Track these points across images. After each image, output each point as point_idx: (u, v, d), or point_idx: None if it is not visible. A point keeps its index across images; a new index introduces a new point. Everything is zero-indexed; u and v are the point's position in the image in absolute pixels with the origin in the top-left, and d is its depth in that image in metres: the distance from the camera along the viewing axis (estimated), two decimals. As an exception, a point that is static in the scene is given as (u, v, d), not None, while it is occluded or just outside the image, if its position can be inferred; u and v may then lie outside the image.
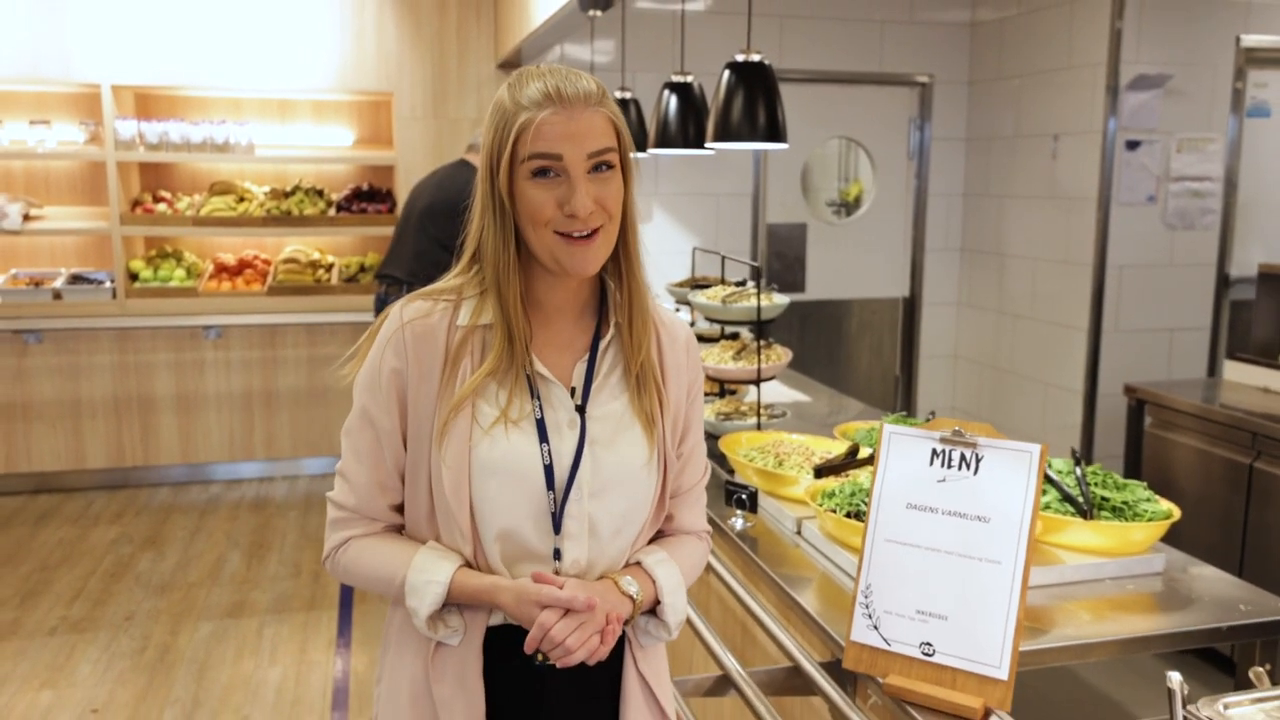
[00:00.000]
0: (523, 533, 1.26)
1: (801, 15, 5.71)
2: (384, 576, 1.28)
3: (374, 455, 1.30)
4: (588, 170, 1.23)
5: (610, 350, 1.34)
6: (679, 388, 1.38)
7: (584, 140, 1.22)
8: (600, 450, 1.29)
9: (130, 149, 5.18)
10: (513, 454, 1.25)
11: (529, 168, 1.22)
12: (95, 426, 5.35)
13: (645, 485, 1.32)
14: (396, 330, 1.28)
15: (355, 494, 1.32)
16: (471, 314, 1.29)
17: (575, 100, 1.22)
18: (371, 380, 1.30)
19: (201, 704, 3.24)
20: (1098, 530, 1.80)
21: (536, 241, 1.25)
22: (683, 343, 1.41)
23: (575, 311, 1.34)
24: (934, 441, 1.45)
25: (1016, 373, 5.72)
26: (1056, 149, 5.32)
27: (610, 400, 1.32)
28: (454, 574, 1.25)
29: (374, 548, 1.31)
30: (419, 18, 5.46)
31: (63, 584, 4.16)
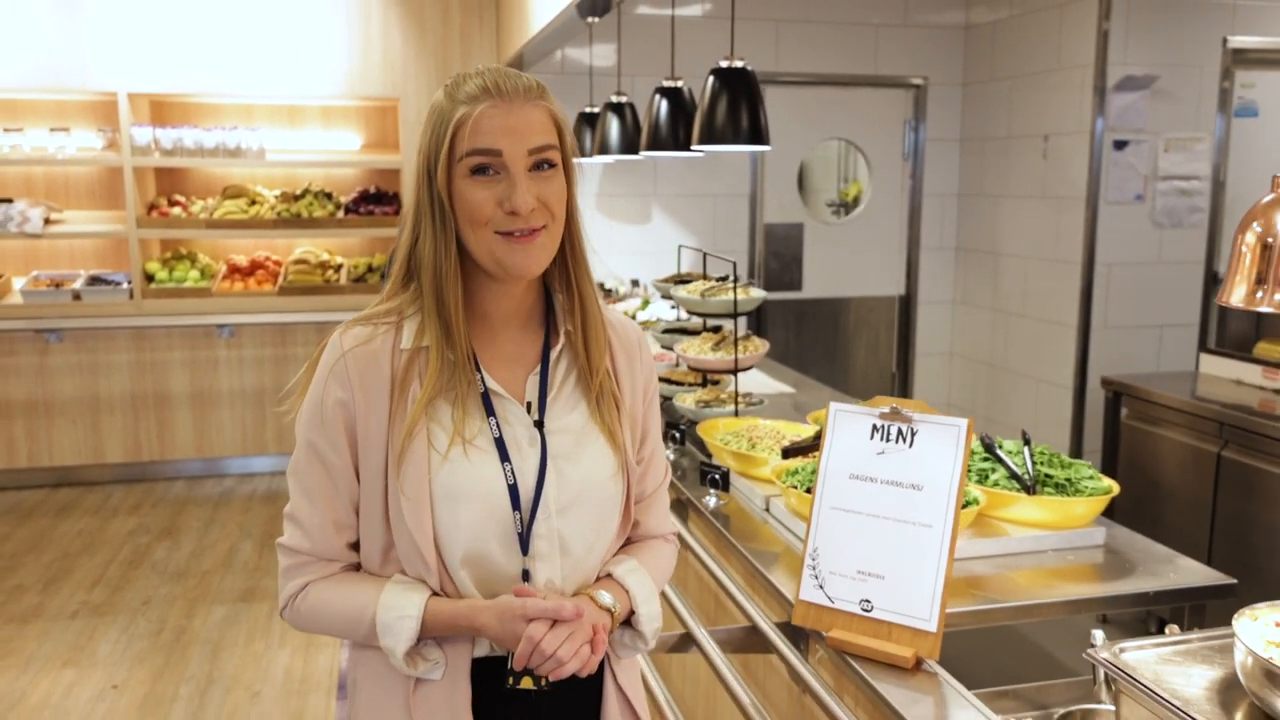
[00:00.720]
0: (490, 557, 1.21)
1: (797, 19, 5.85)
2: (351, 618, 1.21)
3: (326, 493, 1.23)
4: (529, 167, 1.18)
5: (563, 360, 1.30)
6: (635, 392, 1.35)
7: (524, 135, 1.18)
8: (564, 464, 1.25)
9: (146, 154, 5.36)
10: (474, 477, 1.20)
11: (467, 165, 1.17)
12: (113, 422, 5.53)
13: (613, 496, 1.28)
14: (338, 360, 1.22)
15: (309, 536, 1.24)
16: (415, 335, 1.23)
17: (514, 94, 1.19)
18: (315, 414, 1.23)
19: (215, 682, 3.40)
20: (1041, 505, 1.94)
21: (476, 243, 1.20)
22: (635, 345, 1.37)
23: (521, 322, 1.29)
24: (874, 418, 1.59)
25: (1010, 369, 5.84)
26: (1047, 149, 5.44)
27: (567, 412, 1.28)
28: (426, 605, 1.18)
29: (336, 590, 1.24)
30: (424, 26, 5.62)
31: (83, 571, 4.33)
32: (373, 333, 1.24)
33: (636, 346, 1.38)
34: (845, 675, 1.56)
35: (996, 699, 1.63)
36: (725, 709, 2.19)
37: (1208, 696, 1.25)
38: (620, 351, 1.34)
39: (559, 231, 1.24)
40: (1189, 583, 1.79)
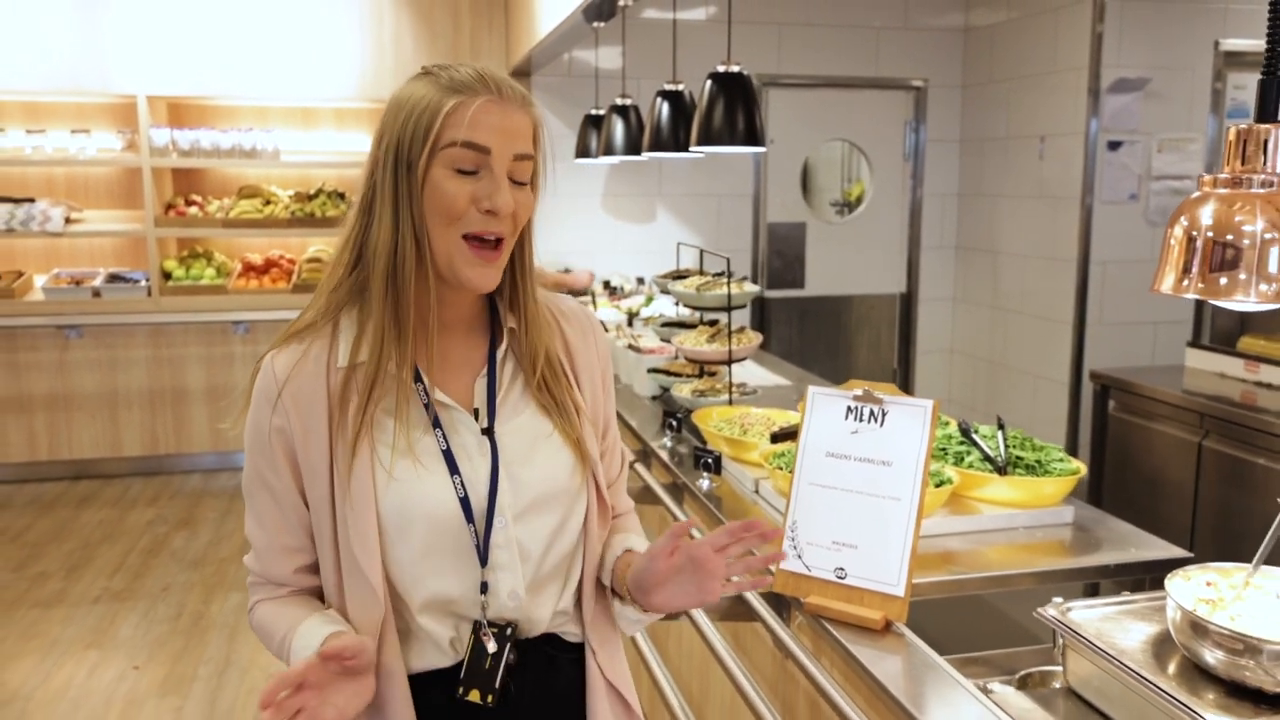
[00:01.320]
0: (446, 573, 1.18)
1: (799, 23, 5.97)
2: (275, 641, 1.20)
3: (273, 517, 1.20)
4: (509, 174, 1.15)
5: (509, 360, 1.26)
6: (593, 381, 1.32)
7: (513, 139, 1.14)
8: (518, 469, 1.21)
9: (164, 155, 5.51)
10: (422, 493, 1.16)
11: (450, 155, 1.11)
12: (131, 416, 5.68)
13: (573, 492, 1.24)
14: (270, 385, 1.17)
15: (259, 558, 1.24)
16: (350, 349, 1.17)
17: (510, 95, 1.15)
18: (256, 440, 1.19)
19: (233, 663, 3.54)
20: (1012, 485, 2.06)
21: (439, 242, 1.14)
22: (590, 332, 1.34)
23: (465, 326, 1.25)
24: (848, 400, 1.72)
25: (1008, 365, 5.94)
26: (1043, 150, 5.55)
27: (517, 414, 1.24)
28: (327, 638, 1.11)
29: (274, 613, 1.22)
30: (434, 29, 5.76)
31: (104, 559, 4.48)
32: (305, 352, 1.18)
33: (591, 333, 1.34)
34: (822, 638, 1.68)
35: (966, 665, 1.75)
36: (718, 681, 2.31)
37: (1143, 649, 1.37)
38: (574, 335, 1.31)
39: (512, 245, 1.19)
40: (1148, 556, 1.91)
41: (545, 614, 1.25)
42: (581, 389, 1.29)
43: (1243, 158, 1.29)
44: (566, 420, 1.25)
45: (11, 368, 5.50)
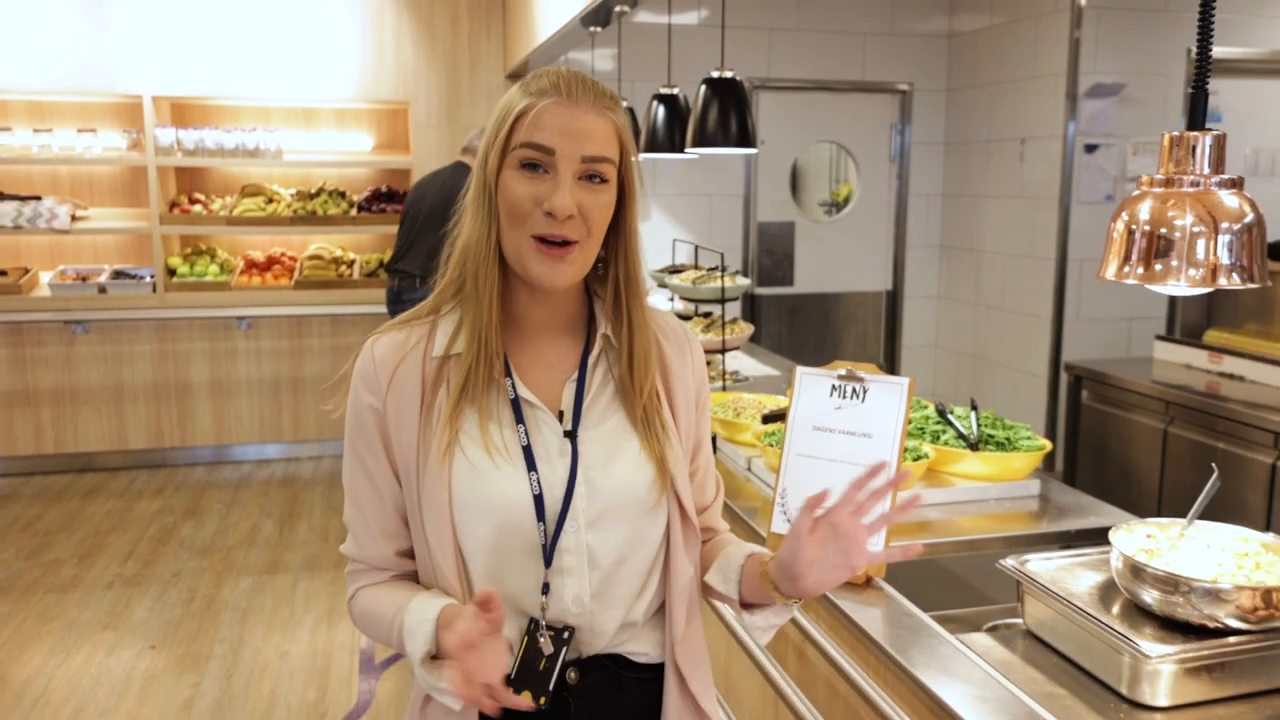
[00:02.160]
0: (510, 570, 1.18)
1: (788, 28, 6.14)
2: (384, 624, 1.20)
3: (371, 501, 1.23)
4: (578, 175, 1.14)
5: (600, 367, 1.25)
6: (686, 400, 1.30)
7: (581, 140, 1.14)
8: (596, 474, 1.20)
9: (169, 155, 5.66)
10: (496, 487, 1.17)
11: (518, 156, 1.15)
12: (136, 410, 5.82)
13: (649, 507, 1.22)
14: (370, 368, 1.22)
15: (359, 544, 1.25)
16: (448, 340, 1.21)
17: (581, 97, 1.15)
18: (354, 422, 1.23)
19: (246, 643, 3.70)
20: (983, 460, 2.24)
21: (509, 241, 1.17)
22: (688, 352, 1.33)
23: (559, 328, 1.26)
24: (833, 379, 1.89)
25: (991, 360, 6.13)
26: (1024, 152, 5.75)
27: (602, 421, 1.23)
28: (443, 609, 1.14)
29: (377, 595, 1.23)
30: (434, 32, 5.92)
31: (114, 547, 4.62)
32: (405, 339, 1.23)
33: (689, 352, 1.33)
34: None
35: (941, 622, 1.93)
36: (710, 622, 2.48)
37: (1090, 593, 1.55)
38: (673, 352, 1.30)
39: (594, 250, 1.19)
40: (1106, 523, 2.08)
41: (611, 626, 1.22)
42: (674, 408, 1.27)
43: (1175, 161, 1.47)
44: (651, 435, 1.23)
45: (18, 362, 5.63)
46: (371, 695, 3.33)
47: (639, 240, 1.24)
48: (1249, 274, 1.43)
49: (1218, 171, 1.46)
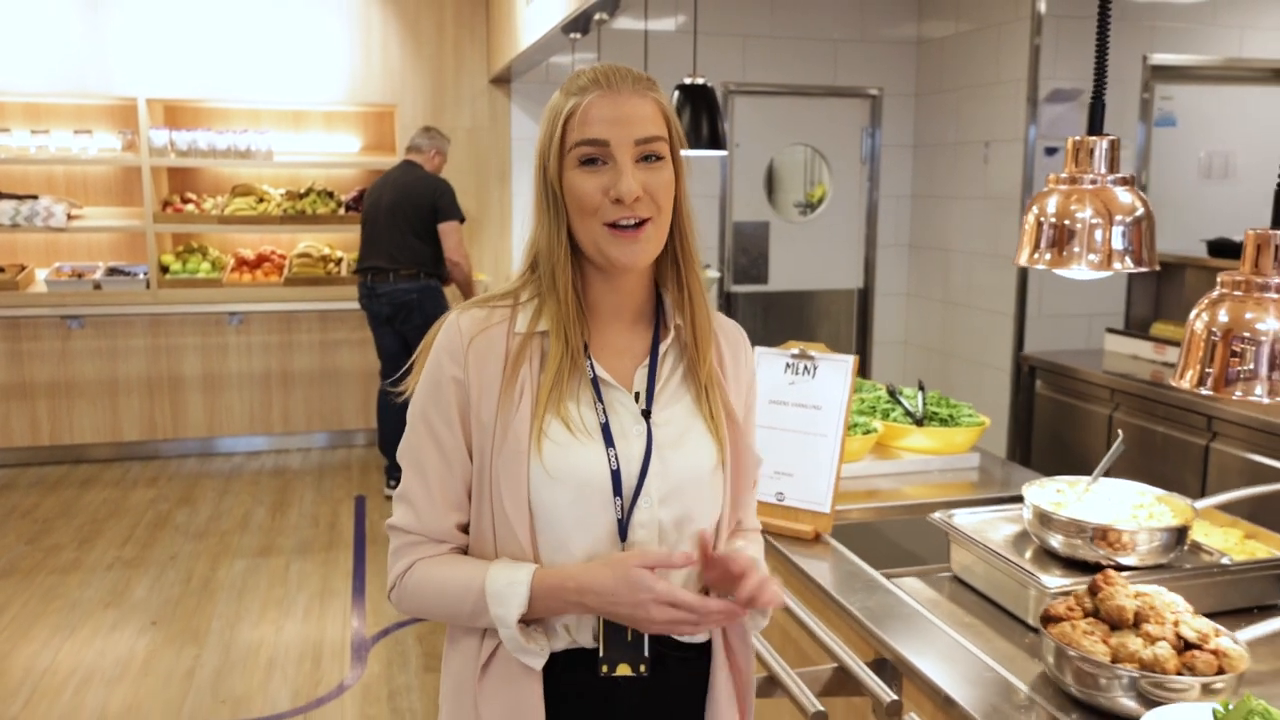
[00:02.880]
0: (588, 543, 1.22)
1: (762, 35, 6.37)
2: (458, 592, 1.22)
3: (440, 471, 1.25)
4: (636, 158, 1.20)
5: (670, 354, 1.31)
6: (739, 392, 1.37)
7: (631, 125, 1.20)
8: (668, 453, 1.25)
9: (163, 155, 5.82)
10: (578, 460, 1.22)
11: (576, 155, 1.21)
12: (130, 403, 5.98)
13: (714, 488, 1.29)
14: (455, 339, 1.26)
15: (420, 516, 1.26)
16: (529, 320, 1.26)
17: (621, 85, 1.21)
18: (432, 393, 1.26)
19: (242, 619, 3.88)
20: (928, 434, 2.46)
21: (584, 234, 1.23)
22: (741, 349, 1.40)
23: (631, 316, 1.31)
24: (787, 357, 2.10)
25: (958, 355, 6.37)
26: (987, 155, 5.99)
27: (673, 403, 1.29)
28: (534, 572, 1.19)
29: (443, 567, 1.25)
30: (420, 37, 6.11)
31: (112, 533, 4.79)
32: (489, 315, 1.27)
33: (742, 351, 1.40)
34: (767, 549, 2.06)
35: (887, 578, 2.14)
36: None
37: (1006, 540, 1.77)
38: (727, 352, 1.37)
39: (665, 224, 1.25)
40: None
41: None
42: (728, 400, 1.33)
43: (1077, 162, 1.69)
44: (715, 420, 1.30)
45: (15, 356, 5.78)
46: (363, 670, 3.52)
47: (692, 211, 1.29)
48: (1140, 259, 1.66)
49: (1113, 171, 1.69)
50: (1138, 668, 1.33)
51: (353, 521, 4.98)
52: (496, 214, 6.37)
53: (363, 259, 5.19)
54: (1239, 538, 1.83)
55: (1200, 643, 1.36)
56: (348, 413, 6.27)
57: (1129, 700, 1.32)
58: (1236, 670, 1.32)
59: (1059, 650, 1.38)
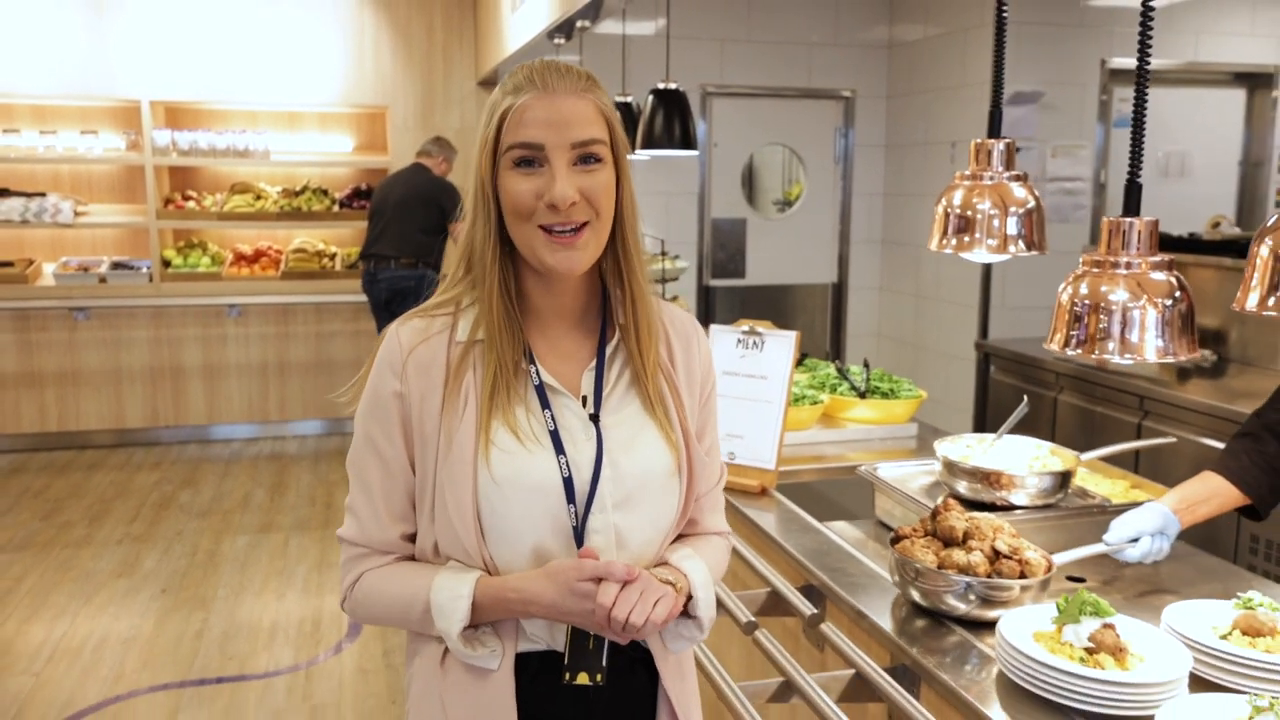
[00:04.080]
0: (544, 552, 1.20)
1: (739, 38, 6.65)
2: (404, 604, 1.22)
3: (383, 484, 1.24)
4: (572, 161, 1.17)
5: (618, 355, 1.28)
6: (692, 388, 1.32)
7: (567, 128, 1.16)
8: (620, 457, 1.23)
9: (165, 155, 6.08)
10: (528, 469, 1.19)
11: (511, 158, 1.18)
12: (134, 391, 6.23)
13: (670, 490, 1.25)
14: (395, 352, 1.23)
15: (365, 528, 1.25)
16: (471, 327, 1.23)
17: (558, 86, 1.17)
18: (373, 406, 1.24)
19: (246, 587, 4.15)
20: (870, 406, 2.74)
21: (520, 237, 1.20)
22: (693, 341, 1.35)
23: (575, 318, 1.28)
24: (738, 334, 2.38)
25: (928, 347, 6.66)
26: (954, 154, 6.28)
27: (622, 406, 1.26)
28: (476, 583, 1.18)
29: (390, 576, 1.24)
30: (410, 42, 6.38)
31: (120, 512, 5.05)
32: (429, 326, 1.25)
33: (695, 342, 1.36)
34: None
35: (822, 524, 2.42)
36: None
37: (921, 488, 2.06)
38: (678, 345, 1.33)
39: (605, 228, 1.21)
40: (963, 454, 2.59)
41: None
42: (678, 396, 1.30)
43: (979, 160, 1.98)
44: (667, 419, 1.26)
45: (24, 346, 6.03)
46: (359, 630, 3.79)
47: (635, 213, 1.26)
48: (1031, 244, 1.95)
49: (1009, 169, 1.97)
50: (956, 571, 1.61)
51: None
52: (485, 211, 6.63)
53: (367, 247, 5.62)
54: (1126, 487, 2.12)
55: (1011, 554, 1.65)
56: (342, 402, 6.51)
57: (959, 603, 1.62)
58: (1035, 575, 1.62)
59: (900, 561, 1.68)
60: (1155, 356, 1.52)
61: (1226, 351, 4.13)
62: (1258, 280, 1.28)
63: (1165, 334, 1.51)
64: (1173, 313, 1.52)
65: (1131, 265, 1.56)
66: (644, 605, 1.12)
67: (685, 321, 1.37)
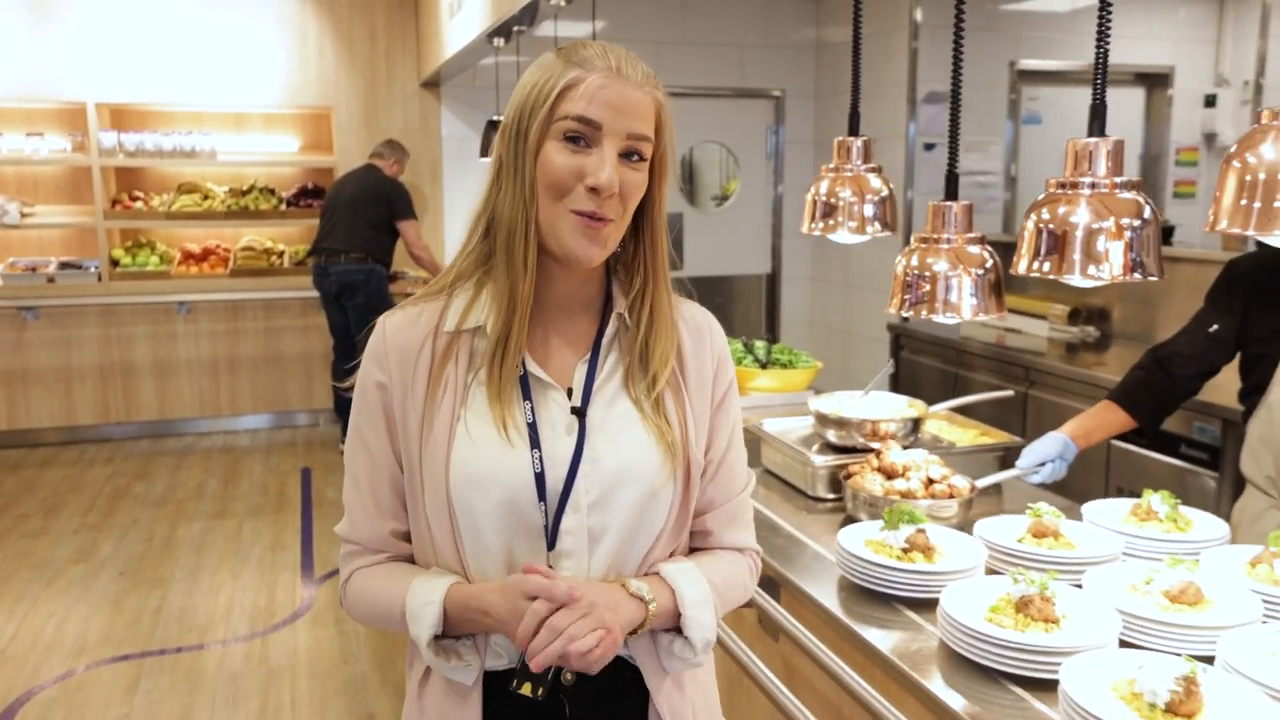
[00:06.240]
0: (513, 550, 1.16)
1: (674, 40, 6.95)
2: (386, 605, 1.19)
3: (370, 480, 1.21)
4: (620, 151, 1.12)
5: (615, 347, 1.22)
6: (702, 388, 1.25)
7: (628, 117, 1.12)
8: (602, 454, 1.17)
9: (111, 156, 6.23)
10: (498, 463, 1.14)
11: (562, 128, 1.12)
12: (84, 389, 6.37)
13: (659, 495, 1.18)
14: (379, 343, 1.20)
15: (355, 524, 1.23)
16: (460, 314, 1.18)
17: (629, 73, 1.14)
18: (360, 400, 1.22)
19: (202, 568, 4.36)
20: (772, 375, 3.05)
21: (547, 214, 1.13)
22: (706, 337, 1.28)
23: (578, 307, 1.23)
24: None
25: (857, 333, 7.01)
26: (875, 151, 6.63)
27: (614, 402, 1.20)
28: (448, 590, 1.14)
29: (376, 576, 1.22)
30: (353, 44, 6.59)
31: (75, 504, 5.22)
32: (417, 315, 1.21)
33: (707, 336, 1.29)
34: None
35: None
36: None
37: (799, 439, 2.36)
38: (689, 341, 1.26)
39: (623, 228, 1.17)
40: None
41: None
42: (689, 397, 1.23)
43: (839, 156, 2.28)
44: (664, 421, 1.20)
45: (-26, 346, 6.16)
46: (313, 599, 4.02)
47: (665, 222, 1.23)
48: (885, 225, 2.25)
49: (867, 162, 2.28)
50: (900, 496, 1.93)
51: (300, 489, 5.46)
52: (429, 211, 6.85)
53: (318, 242, 5.85)
54: (975, 435, 2.44)
55: (940, 480, 1.98)
56: (292, 395, 6.73)
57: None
58: (961, 496, 1.97)
59: (853, 493, 1.98)
60: (970, 314, 1.82)
61: (1109, 328, 4.51)
62: (1026, 249, 1.58)
63: (978, 296, 1.82)
64: (984, 280, 1.83)
65: (951, 241, 1.86)
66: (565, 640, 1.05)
67: (700, 317, 1.30)
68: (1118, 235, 1.55)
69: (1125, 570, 1.67)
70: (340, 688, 3.37)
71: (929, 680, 1.47)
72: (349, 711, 3.22)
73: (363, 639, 3.70)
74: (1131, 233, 1.55)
